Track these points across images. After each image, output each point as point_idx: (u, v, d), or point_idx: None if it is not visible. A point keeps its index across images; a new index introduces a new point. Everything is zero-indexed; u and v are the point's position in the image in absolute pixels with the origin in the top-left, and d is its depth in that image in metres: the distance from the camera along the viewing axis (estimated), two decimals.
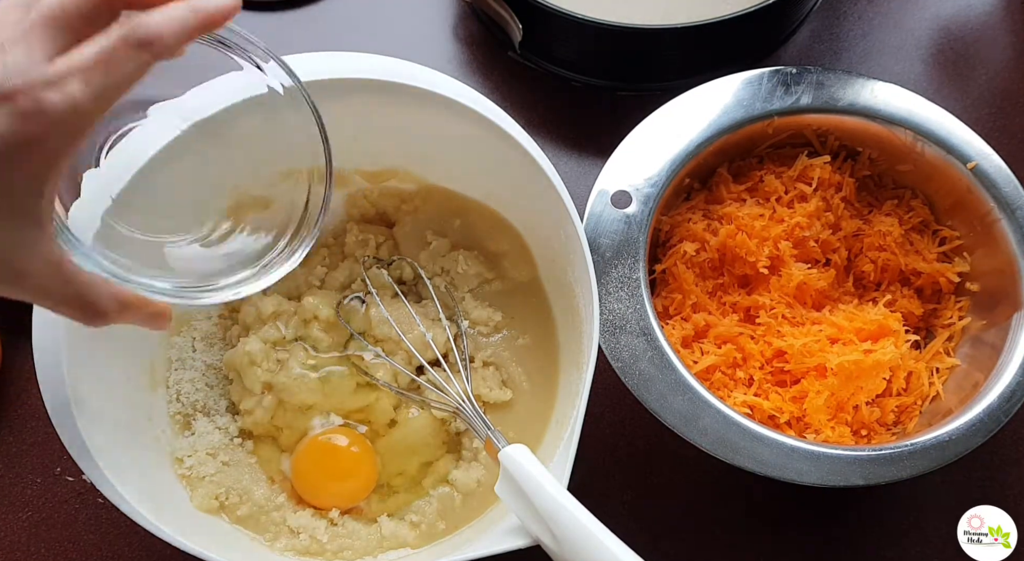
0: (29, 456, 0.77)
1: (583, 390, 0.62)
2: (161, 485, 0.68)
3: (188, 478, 0.70)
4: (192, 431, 0.72)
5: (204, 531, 0.68)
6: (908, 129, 0.76)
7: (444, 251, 0.77)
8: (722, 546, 0.76)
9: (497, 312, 0.76)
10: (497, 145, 0.67)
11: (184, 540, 0.59)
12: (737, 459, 0.66)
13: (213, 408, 0.74)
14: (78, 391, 0.60)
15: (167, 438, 0.71)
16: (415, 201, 0.78)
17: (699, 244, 0.77)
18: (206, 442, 0.72)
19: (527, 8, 0.83)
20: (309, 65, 0.65)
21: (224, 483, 0.70)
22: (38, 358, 0.61)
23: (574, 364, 0.69)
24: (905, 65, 0.92)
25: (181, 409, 0.73)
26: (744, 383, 0.74)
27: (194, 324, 0.76)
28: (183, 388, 0.73)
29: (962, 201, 0.76)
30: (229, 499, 0.70)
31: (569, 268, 0.69)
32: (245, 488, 0.71)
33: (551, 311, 0.76)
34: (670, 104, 0.76)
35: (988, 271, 0.75)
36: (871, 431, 0.73)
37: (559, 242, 0.69)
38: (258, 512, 0.70)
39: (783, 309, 0.75)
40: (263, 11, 0.95)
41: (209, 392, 0.75)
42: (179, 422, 0.72)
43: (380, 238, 0.78)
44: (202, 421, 0.73)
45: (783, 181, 0.78)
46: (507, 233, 0.77)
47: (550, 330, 0.75)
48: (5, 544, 0.75)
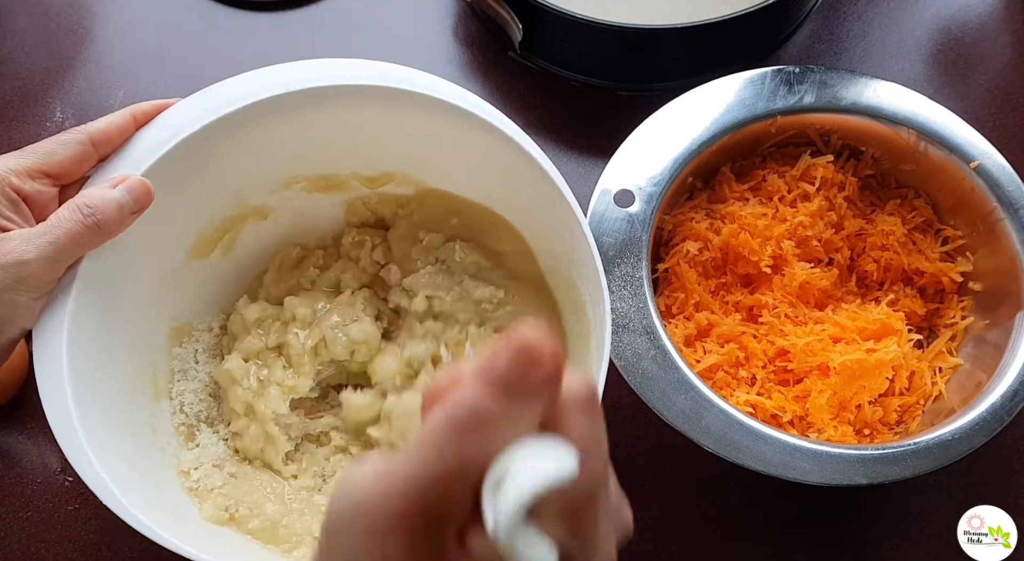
0: (29, 456, 0.77)
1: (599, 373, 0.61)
2: (169, 497, 0.68)
3: (196, 491, 0.69)
4: (196, 443, 0.72)
5: (216, 540, 0.67)
6: (911, 129, 0.76)
7: (439, 243, 0.76)
8: (723, 545, 0.76)
9: (499, 290, 0.75)
10: (496, 147, 0.67)
11: (196, 551, 0.58)
12: (740, 458, 0.66)
13: (217, 419, 0.74)
14: (81, 404, 0.60)
15: (172, 450, 0.71)
16: (411, 205, 0.78)
17: (702, 243, 0.77)
18: (210, 454, 0.71)
19: (527, 8, 0.83)
20: (303, 73, 0.65)
21: (233, 495, 0.70)
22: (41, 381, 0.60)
23: (580, 363, 0.69)
24: (905, 65, 0.92)
25: (185, 420, 0.72)
26: (747, 382, 0.74)
27: (196, 335, 0.75)
28: (186, 399, 0.73)
29: (965, 201, 0.76)
30: (239, 511, 0.69)
31: (575, 269, 0.68)
32: (256, 502, 0.70)
33: (555, 303, 0.75)
34: (673, 103, 0.76)
35: (991, 271, 0.75)
36: (874, 430, 0.73)
37: (564, 243, 0.68)
38: (272, 526, 0.69)
39: (786, 308, 0.75)
40: (263, 11, 0.95)
41: (212, 403, 0.74)
42: (183, 433, 0.72)
43: (376, 240, 0.78)
44: (206, 432, 0.73)
45: (786, 180, 0.78)
46: (508, 234, 0.76)
47: (554, 319, 0.74)
48: (5, 544, 0.74)
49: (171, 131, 0.64)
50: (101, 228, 0.60)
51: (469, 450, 0.35)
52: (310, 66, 0.66)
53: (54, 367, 0.60)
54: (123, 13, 0.95)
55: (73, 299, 0.61)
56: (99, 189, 0.61)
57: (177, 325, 0.74)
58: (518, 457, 0.35)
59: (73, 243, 0.59)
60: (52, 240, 0.58)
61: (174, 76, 0.92)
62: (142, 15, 0.95)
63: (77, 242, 0.60)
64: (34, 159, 0.61)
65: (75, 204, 0.60)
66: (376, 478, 0.36)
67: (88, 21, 0.94)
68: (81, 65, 0.92)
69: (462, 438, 0.35)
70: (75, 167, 0.62)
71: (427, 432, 0.36)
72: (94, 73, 0.92)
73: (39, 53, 0.93)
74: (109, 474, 0.59)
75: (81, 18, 0.94)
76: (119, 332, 0.67)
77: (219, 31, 0.94)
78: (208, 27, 0.94)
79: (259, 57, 0.91)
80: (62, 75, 0.91)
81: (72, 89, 0.91)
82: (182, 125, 0.64)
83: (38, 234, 0.59)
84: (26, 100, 0.90)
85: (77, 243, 0.60)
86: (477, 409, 0.35)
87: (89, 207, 0.59)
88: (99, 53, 0.93)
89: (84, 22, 0.94)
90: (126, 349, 0.68)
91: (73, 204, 0.60)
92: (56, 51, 0.93)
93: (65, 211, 0.60)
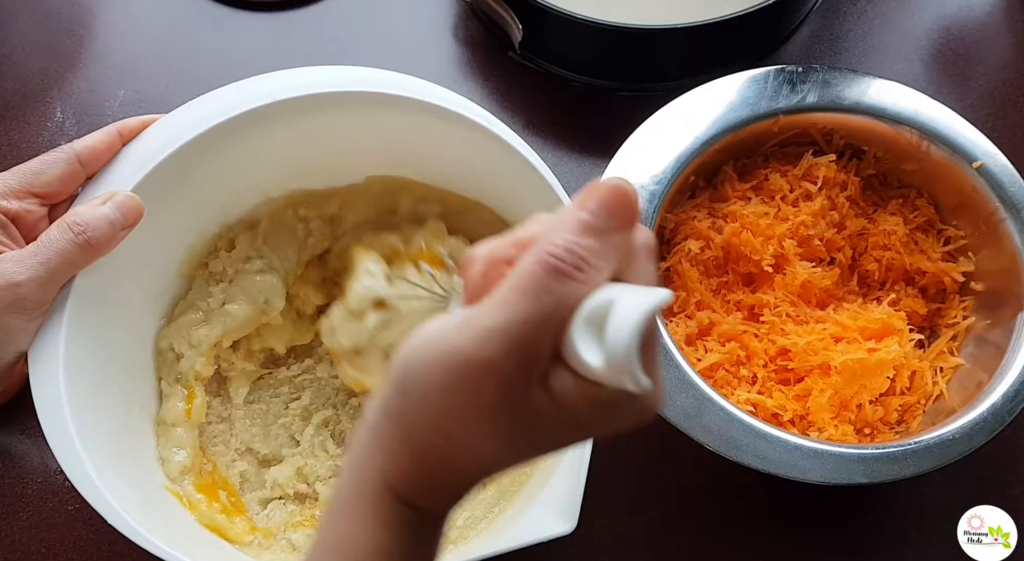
0: (29, 456, 0.76)
1: None
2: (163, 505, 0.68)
3: (189, 501, 0.69)
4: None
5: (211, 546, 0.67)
6: (914, 128, 0.76)
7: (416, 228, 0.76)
8: (723, 543, 0.76)
9: None
10: (484, 145, 0.67)
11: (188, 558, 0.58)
12: (740, 456, 0.66)
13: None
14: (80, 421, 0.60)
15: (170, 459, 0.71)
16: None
17: (704, 242, 0.77)
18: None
19: (527, 8, 0.83)
20: (289, 81, 0.66)
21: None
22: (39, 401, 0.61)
23: None
24: (905, 65, 0.92)
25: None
26: (748, 381, 0.74)
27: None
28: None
29: (967, 201, 0.76)
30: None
31: None
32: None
33: None
34: (675, 102, 0.76)
35: (993, 271, 0.75)
36: (874, 430, 0.73)
37: None
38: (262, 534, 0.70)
39: (787, 307, 0.75)
40: (263, 11, 0.95)
41: None
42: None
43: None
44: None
45: (788, 180, 0.78)
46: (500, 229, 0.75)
47: None
48: (5, 544, 0.74)
49: (158, 145, 0.64)
50: (92, 246, 0.60)
51: (565, 292, 0.37)
52: (298, 74, 0.66)
53: (51, 386, 0.60)
54: (123, 13, 0.95)
55: (67, 317, 0.61)
56: (88, 206, 0.61)
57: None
58: (615, 294, 0.37)
59: (65, 263, 0.59)
60: (43, 260, 0.58)
61: (174, 76, 0.92)
62: (142, 15, 0.95)
63: (69, 261, 0.59)
64: (20, 178, 0.61)
65: (65, 223, 0.59)
66: (465, 330, 0.37)
67: (88, 21, 0.94)
68: (81, 65, 0.92)
69: (559, 281, 0.37)
70: (63, 186, 0.62)
71: (521, 278, 0.37)
72: (94, 73, 0.92)
73: (39, 53, 0.93)
74: (109, 489, 0.59)
75: (81, 18, 0.94)
76: (114, 348, 0.67)
77: (219, 31, 0.94)
78: (208, 27, 0.94)
79: (259, 57, 0.92)
80: (62, 75, 0.91)
81: (72, 89, 0.91)
82: (169, 139, 0.64)
83: (29, 255, 0.58)
84: (26, 100, 0.90)
85: (69, 262, 0.59)
86: (574, 249, 0.37)
87: (80, 225, 0.59)
88: (99, 53, 0.93)
89: (84, 22, 0.94)
90: (121, 363, 0.68)
91: (63, 223, 0.59)
92: (56, 51, 0.93)
93: (55, 231, 0.59)
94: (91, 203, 0.61)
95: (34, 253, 0.58)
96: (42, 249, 0.59)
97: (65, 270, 0.60)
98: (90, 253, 0.60)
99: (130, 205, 0.61)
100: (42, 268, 0.58)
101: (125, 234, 0.61)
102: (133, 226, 0.62)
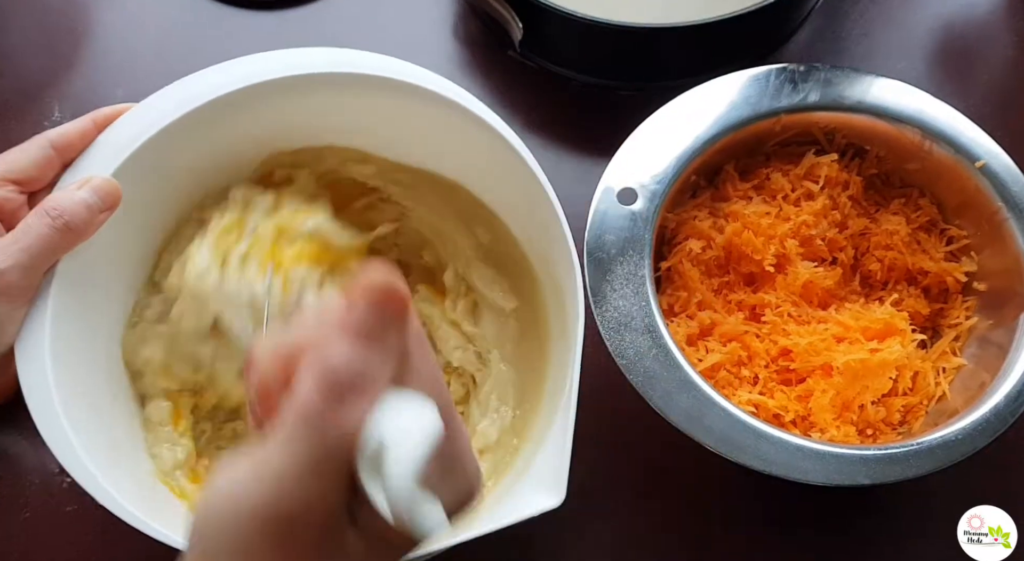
0: (28, 456, 0.76)
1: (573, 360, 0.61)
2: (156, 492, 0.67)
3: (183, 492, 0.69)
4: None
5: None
6: (916, 128, 0.76)
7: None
8: (725, 544, 0.75)
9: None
10: (463, 126, 0.67)
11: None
12: (742, 457, 0.65)
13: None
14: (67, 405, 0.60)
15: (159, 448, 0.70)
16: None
17: (705, 242, 0.76)
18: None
19: (527, 7, 0.83)
20: (266, 64, 0.66)
21: None
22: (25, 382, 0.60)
23: (561, 337, 0.68)
24: (907, 64, 0.92)
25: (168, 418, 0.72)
26: (749, 381, 0.73)
27: None
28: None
29: (970, 200, 0.76)
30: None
31: (549, 247, 0.67)
32: None
33: (535, 276, 0.73)
34: (677, 100, 0.76)
35: (996, 271, 0.75)
36: (876, 430, 0.73)
37: (536, 223, 0.68)
38: None
39: (789, 307, 0.75)
40: (263, 11, 0.95)
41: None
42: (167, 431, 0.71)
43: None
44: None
45: (790, 179, 0.78)
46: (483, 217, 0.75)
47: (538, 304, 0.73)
48: (5, 544, 0.74)
49: (135, 131, 0.64)
50: (71, 229, 0.60)
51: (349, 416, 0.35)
52: (275, 57, 0.66)
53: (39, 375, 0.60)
54: (122, 13, 0.95)
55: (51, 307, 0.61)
56: (65, 192, 0.61)
57: None
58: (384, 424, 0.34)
59: (46, 248, 0.59)
60: (24, 247, 0.59)
61: (174, 75, 0.90)
62: (141, 15, 0.95)
63: (49, 246, 0.59)
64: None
65: (42, 209, 0.60)
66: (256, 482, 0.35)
67: (87, 21, 0.94)
68: (80, 65, 0.92)
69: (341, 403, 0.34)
70: (38, 171, 0.63)
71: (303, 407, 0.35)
72: (93, 73, 0.91)
73: (38, 53, 0.92)
74: (102, 473, 0.60)
75: (80, 18, 0.94)
76: (100, 336, 0.67)
77: (219, 31, 0.94)
78: (208, 27, 0.94)
79: None
80: (61, 75, 0.91)
81: (71, 89, 0.90)
82: (145, 125, 0.64)
83: (9, 242, 0.59)
84: (25, 100, 0.90)
85: (50, 248, 0.60)
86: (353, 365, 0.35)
87: (56, 209, 0.59)
88: (98, 53, 0.92)
89: (83, 22, 0.94)
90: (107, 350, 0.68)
91: (40, 209, 0.60)
92: (55, 51, 0.92)
93: (32, 217, 0.60)
94: (68, 189, 0.62)
95: (14, 241, 0.59)
96: (21, 236, 0.59)
97: (46, 256, 0.60)
98: (69, 237, 0.60)
99: (107, 188, 0.61)
100: (23, 254, 0.58)
101: (105, 217, 0.62)
102: (112, 209, 0.62)
